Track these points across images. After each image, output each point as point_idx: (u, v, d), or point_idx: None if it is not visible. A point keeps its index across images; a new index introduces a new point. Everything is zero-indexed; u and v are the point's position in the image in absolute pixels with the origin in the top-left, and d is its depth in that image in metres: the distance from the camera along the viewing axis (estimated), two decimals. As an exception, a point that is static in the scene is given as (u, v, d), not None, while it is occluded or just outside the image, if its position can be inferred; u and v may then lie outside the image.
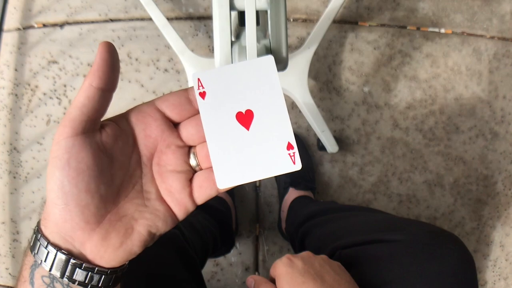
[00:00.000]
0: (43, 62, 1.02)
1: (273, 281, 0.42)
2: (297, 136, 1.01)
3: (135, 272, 0.43)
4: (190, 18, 1.04)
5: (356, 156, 1.02)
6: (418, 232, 0.49)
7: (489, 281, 1.04)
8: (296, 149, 0.27)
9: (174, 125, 0.29)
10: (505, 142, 1.06)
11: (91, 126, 0.26)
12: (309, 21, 1.04)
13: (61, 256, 0.26)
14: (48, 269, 0.26)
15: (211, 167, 0.28)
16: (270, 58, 0.28)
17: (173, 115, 0.28)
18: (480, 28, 1.07)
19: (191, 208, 0.29)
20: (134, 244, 0.27)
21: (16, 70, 1.02)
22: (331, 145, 0.95)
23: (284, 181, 0.93)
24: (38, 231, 0.27)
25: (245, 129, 0.28)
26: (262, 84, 0.28)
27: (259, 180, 1.01)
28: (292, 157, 0.27)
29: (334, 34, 1.04)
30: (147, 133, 0.28)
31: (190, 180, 0.29)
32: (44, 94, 1.01)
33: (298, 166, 0.27)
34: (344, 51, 1.04)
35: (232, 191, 0.97)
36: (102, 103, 0.26)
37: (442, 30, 1.06)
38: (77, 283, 0.26)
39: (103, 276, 0.27)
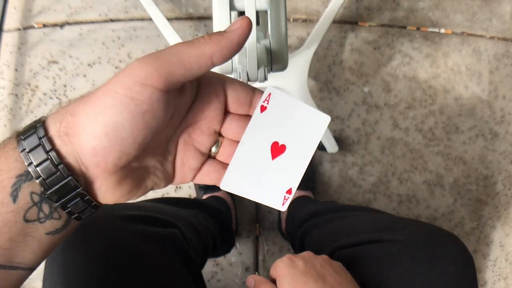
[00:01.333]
0: (43, 62, 1.02)
1: (273, 281, 0.42)
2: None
3: (135, 272, 0.43)
4: (190, 18, 1.04)
5: (356, 156, 1.02)
6: (418, 232, 0.49)
7: (489, 281, 1.04)
8: (291, 197, 0.30)
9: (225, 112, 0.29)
10: (505, 142, 1.06)
11: (179, 86, 0.25)
12: (309, 21, 1.04)
13: (70, 182, 0.24)
14: (44, 189, 0.23)
15: (224, 163, 0.30)
16: (327, 118, 0.30)
17: (232, 106, 0.28)
18: (480, 28, 1.07)
19: (187, 182, 0.30)
20: (136, 194, 0.27)
21: (16, 70, 1.02)
22: (331, 145, 0.95)
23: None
24: (48, 141, 0.23)
25: (271, 158, 0.30)
26: (308, 131, 0.30)
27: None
28: (285, 200, 0.30)
29: (334, 34, 1.04)
30: (204, 108, 0.28)
31: (203, 163, 0.29)
32: (44, 94, 1.02)
33: (284, 208, 0.30)
34: (344, 51, 1.04)
35: (232, 191, 0.97)
36: (205, 73, 0.25)
37: (442, 30, 1.06)
38: (67, 210, 0.25)
39: (93, 210, 0.26)
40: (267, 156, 0.30)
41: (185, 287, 0.48)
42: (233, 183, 0.30)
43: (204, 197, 0.90)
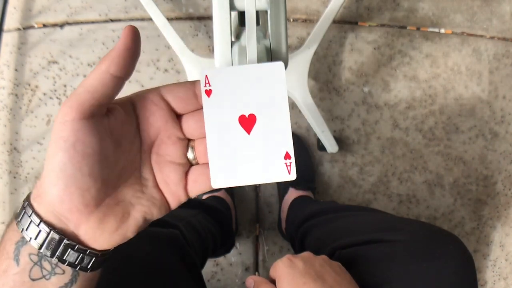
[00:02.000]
0: (43, 62, 1.02)
1: (273, 281, 0.42)
2: (297, 136, 1.01)
3: (135, 272, 0.43)
4: (190, 18, 1.04)
5: (356, 156, 1.02)
6: (418, 232, 0.49)
7: (489, 281, 1.04)
8: (293, 160, 0.28)
9: (177, 116, 0.29)
10: (505, 142, 1.06)
11: (99, 110, 0.26)
12: (309, 21, 1.04)
13: (54, 236, 0.25)
14: (37, 248, 0.26)
15: (207, 164, 0.28)
16: (280, 65, 0.28)
17: (178, 107, 0.28)
18: (480, 28, 1.07)
19: (183, 199, 0.30)
20: (129, 229, 0.27)
21: (16, 70, 1.02)
22: (331, 145, 0.95)
23: (284, 181, 0.93)
24: (29, 206, 0.26)
25: (246, 133, 0.28)
26: (269, 89, 0.28)
27: (259, 180, 1.01)
28: (288, 167, 0.28)
29: (334, 34, 1.04)
30: (151, 121, 0.28)
31: (187, 173, 0.29)
32: (44, 94, 1.02)
33: (293, 176, 0.28)
34: (344, 51, 1.04)
35: (232, 191, 0.97)
36: (114, 90, 0.25)
37: (442, 30, 1.06)
38: (66, 263, 0.26)
39: (93, 258, 0.27)
40: (241, 133, 0.28)
41: (185, 287, 0.48)
42: (222, 176, 0.28)
43: (204, 197, 0.90)
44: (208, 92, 0.28)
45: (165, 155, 0.29)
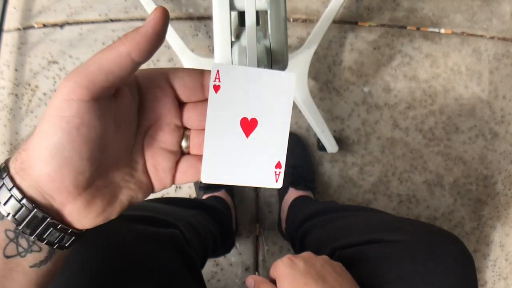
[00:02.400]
0: (43, 62, 1.02)
1: (273, 281, 0.42)
2: (297, 136, 1.01)
3: (135, 271, 0.43)
4: (190, 18, 1.04)
5: (356, 156, 1.02)
6: (418, 232, 0.49)
7: (489, 281, 1.04)
8: (283, 170, 0.28)
9: (179, 103, 0.28)
10: (505, 142, 1.06)
11: (109, 92, 0.24)
12: (309, 21, 1.04)
13: (38, 214, 0.24)
14: (16, 224, 0.24)
15: (199, 156, 0.28)
16: (292, 77, 0.28)
17: (182, 95, 0.27)
18: (480, 28, 1.07)
19: (168, 186, 0.29)
20: (113, 212, 0.27)
21: (16, 70, 1.02)
22: (331, 145, 0.95)
23: (284, 181, 0.93)
24: (9, 179, 0.24)
25: (245, 135, 0.28)
26: (276, 98, 0.28)
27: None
28: (277, 176, 0.28)
29: (334, 34, 1.04)
30: (154, 107, 0.27)
31: (177, 162, 0.29)
32: (45, 94, 1.02)
33: (279, 185, 0.28)
34: (344, 51, 1.04)
35: (232, 191, 0.97)
36: (130, 74, 0.24)
37: (442, 30, 1.06)
38: (45, 241, 0.25)
39: (73, 237, 0.26)
40: (240, 135, 0.28)
41: (185, 287, 0.48)
42: (213, 173, 0.28)
43: (204, 197, 0.90)
44: (217, 88, 0.27)
45: (160, 142, 0.28)
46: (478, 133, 1.05)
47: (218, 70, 0.27)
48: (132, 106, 0.26)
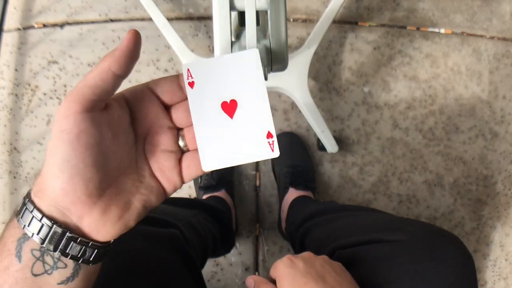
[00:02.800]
0: (43, 62, 1.02)
1: (273, 281, 0.42)
2: (297, 136, 1.01)
3: (135, 271, 0.43)
4: (190, 18, 1.04)
5: (356, 156, 1.02)
6: (418, 232, 0.49)
7: (489, 281, 1.04)
8: (275, 138, 0.30)
9: (166, 107, 0.31)
10: (505, 142, 1.06)
11: (99, 105, 0.27)
12: (309, 21, 1.04)
13: (57, 230, 0.26)
14: (40, 243, 0.26)
15: (197, 149, 0.30)
16: (255, 52, 0.29)
17: (166, 99, 0.30)
18: (480, 28, 1.07)
19: (179, 185, 0.31)
20: (131, 218, 0.28)
21: (16, 70, 1.02)
22: (331, 145, 0.95)
23: (284, 181, 0.93)
24: (30, 202, 0.27)
25: (229, 117, 0.30)
26: (247, 76, 0.30)
27: (259, 180, 1.01)
28: (271, 145, 0.30)
29: (334, 34, 1.04)
30: (144, 114, 0.30)
31: (180, 160, 0.31)
32: (44, 94, 1.02)
33: (276, 153, 0.30)
34: (344, 51, 1.04)
35: (232, 191, 0.97)
36: (113, 86, 0.27)
37: (442, 30, 1.06)
38: (69, 256, 0.27)
39: (95, 250, 0.28)
40: (225, 118, 0.30)
41: (185, 287, 0.48)
42: (211, 160, 0.30)
43: (204, 197, 0.90)
44: (191, 84, 0.30)
45: (158, 145, 0.30)
46: (478, 133, 1.05)
47: (188, 69, 0.30)
48: (124, 118, 0.29)
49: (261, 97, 0.29)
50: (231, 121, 0.30)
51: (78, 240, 0.27)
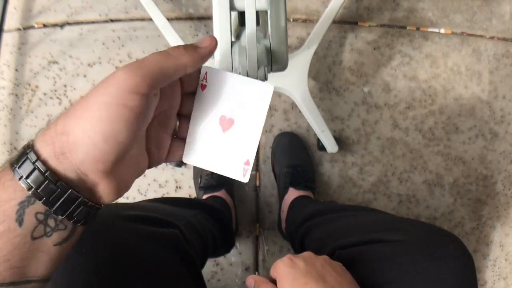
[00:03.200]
0: (44, 62, 1.02)
1: (273, 281, 0.42)
2: (297, 136, 1.01)
3: (135, 271, 0.43)
4: (190, 18, 1.04)
5: (356, 156, 1.03)
6: (418, 232, 0.49)
7: (488, 281, 1.04)
8: (250, 167, 0.32)
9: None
10: (504, 142, 1.06)
11: (158, 90, 0.28)
12: (309, 21, 1.04)
13: (72, 195, 0.26)
14: (49, 207, 0.25)
15: (184, 139, 0.33)
16: (270, 88, 0.31)
17: (187, 87, 0.32)
18: (480, 29, 1.07)
19: (162, 163, 0.33)
20: (129, 185, 0.30)
21: (16, 70, 1.02)
22: (331, 145, 0.95)
23: (284, 181, 0.93)
24: (41, 162, 0.25)
25: (222, 131, 0.32)
26: (254, 104, 0.32)
27: (259, 180, 1.01)
28: (245, 171, 0.32)
29: (334, 34, 1.04)
30: (167, 97, 0.31)
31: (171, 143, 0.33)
32: (45, 94, 1.02)
33: (246, 179, 0.32)
34: (344, 51, 1.04)
35: (232, 191, 0.97)
36: (177, 80, 0.29)
37: (442, 31, 1.06)
38: (73, 220, 0.27)
39: (96, 212, 0.28)
40: (218, 129, 0.32)
41: (185, 287, 0.48)
42: (193, 156, 0.32)
43: (204, 197, 0.91)
44: (203, 86, 0.32)
45: (166, 127, 0.32)
46: (478, 133, 1.05)
47: (206, 72, 0.31)
48: (157, 99, 0.30)
49: (256, 128, 0.31)
50: (222, 134, 0.32)
51: (88, 204, 0.27)
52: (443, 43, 1.06)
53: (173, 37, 0.86)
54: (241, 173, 0.32)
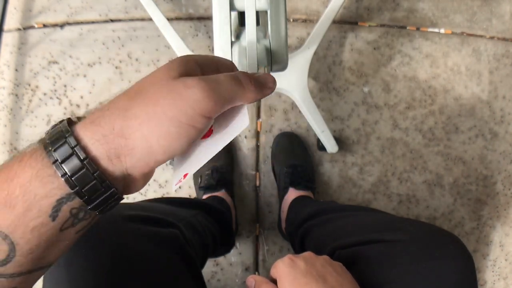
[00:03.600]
0: (44, 62, 1.02)
1: (273, 281, 0.42)
2: (297, 136, 1.01)
3: (135, 271, 0.43)
4: (190, 18, 1.04)
5: (356, 156, 1.03)
6: (418, 232, 0.49)
7: (488, 281, 1.04)
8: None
9: None
10: (504, 142, 1.06)
11: None
12: (309, 21, 1.04)
13: (113, 193, 0.26)
14: (87, 203, 0.25)
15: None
16: (245, 123, 0.30)
17: None
18: (480, 29, 1.07)
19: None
20: (151, 176, 0.30)
21: (16, 70, 1.02)
22: (331, 145, 0.95)
23: (284, 181, 0.93)
24: (91, 162, 0.24)
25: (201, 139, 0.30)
26: (229, 126, 0.30)
27: (259, 180, 1.01)
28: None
29: (334, 34, 1.04)
30: None
31: None
32: (45, 94, 1.02)
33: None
34: (344, 51, 1.04)
35: (232, 191, 0.97)
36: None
37: (442, 31, 1.06)
38: (100, 211, 0.27)
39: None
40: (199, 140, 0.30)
41: (184, 287, 0.48)
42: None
43: (204, 197, 0.91)
44: None
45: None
46: (478, 133, 1.05)
47: None
48: None
49: (212, 149, 0.29)
50: (201, 141, 0.30)
51: (118, 199, 0.27)
52: (443, 43, 1.06)
53: (173, 37, 0.86)
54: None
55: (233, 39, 0.47)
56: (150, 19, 0.89)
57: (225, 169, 0.95)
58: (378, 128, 1.03)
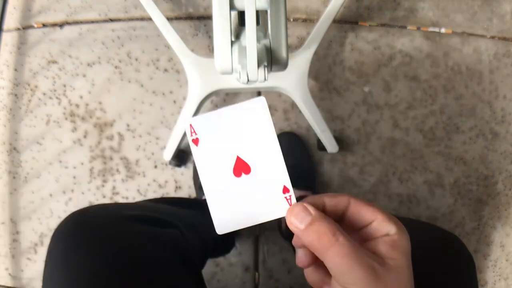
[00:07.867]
0: (43, 62, 1.02)
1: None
2: (297, 136, 1.00)
3: (135, 271, 0.42)
4: (190, 18, 1.04)
5: (356, 156, 1.02)
6: (419, 232, 0.49)
7: (489, 281, 1.04)
8: (292, 192, 0.27)
9: None
10: (505, 142, 1.05)
11: None
12: (309, 21, 1.04)
13: None
14: None
15: None
16: (262, 100, 0.27)
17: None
18: (481, 28, 1.07)
19: None
20: None
21: (15, 70, 1.02)
22: (331, 145, 0.95)
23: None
24: None
25: (239, 176, 0.27)
26: (255, 127, 0.27)
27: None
28: (289, 200, 0.27)
29: (334, 34, 1.04)
30: None
31: None
32: (44, 94, 1.01)
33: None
34: (344, 51, 1.04)
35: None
36: None
37: (443, 30, 1.06)
38: None
39: None
40: (234, 178, 0.27)
41: (185, 287, 0.48)
42: (226, 223, 0.27)
43: (204, 197, 0.90)
44: (196, 141, 0.27)
45: None
46: (478, 133, 1.05)
47: (190, 124, 0.27)
48: None
49: (272, 150, 0.27)
50: (242, 180, 0.27)
51: None
52: (444, 42, 1.06)
53: (173, 37, 0.86)
54: (285, 205, 0.27)
55: (233, 39, 0.47)
56: (150, 19, 0.89)
57: None
58: (378, 128, 1.03)
